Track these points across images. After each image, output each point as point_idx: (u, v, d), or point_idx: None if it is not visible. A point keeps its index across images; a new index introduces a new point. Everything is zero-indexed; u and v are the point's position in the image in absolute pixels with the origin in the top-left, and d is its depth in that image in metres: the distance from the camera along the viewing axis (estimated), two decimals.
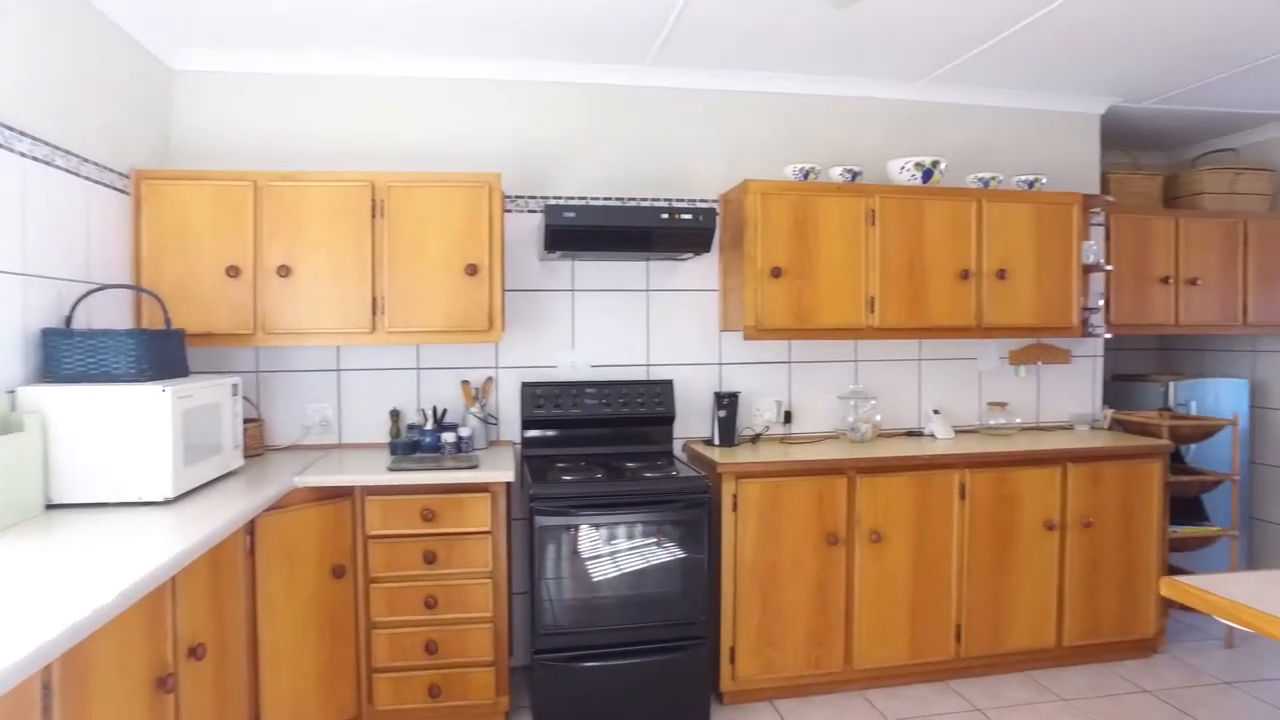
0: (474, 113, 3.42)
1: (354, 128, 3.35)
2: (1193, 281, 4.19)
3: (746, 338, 3.24)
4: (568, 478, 2.93)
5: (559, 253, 3.21)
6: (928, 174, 3.37)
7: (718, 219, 3.55)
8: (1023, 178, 3.57)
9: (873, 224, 3.31)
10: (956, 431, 3.75)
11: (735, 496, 3.04)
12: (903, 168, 3.38)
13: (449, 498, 2.83)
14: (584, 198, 3.47)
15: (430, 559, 2.82)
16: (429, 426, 3.25)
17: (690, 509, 2.91)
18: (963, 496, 3.23)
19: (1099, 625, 3.43)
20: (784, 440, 3.57)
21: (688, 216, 3.07)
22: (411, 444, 3.21)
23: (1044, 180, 3.58)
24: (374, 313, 3.01)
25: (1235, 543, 3.78)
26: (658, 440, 3.44)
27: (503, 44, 3.21)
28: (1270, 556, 4.58)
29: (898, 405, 3.77)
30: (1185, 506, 3.90)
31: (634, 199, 3.51)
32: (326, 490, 2.74)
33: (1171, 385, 4.31)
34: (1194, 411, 4.33)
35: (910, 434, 3.72)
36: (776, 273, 3.22)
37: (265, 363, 3.31)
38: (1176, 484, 3.68)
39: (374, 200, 2.99)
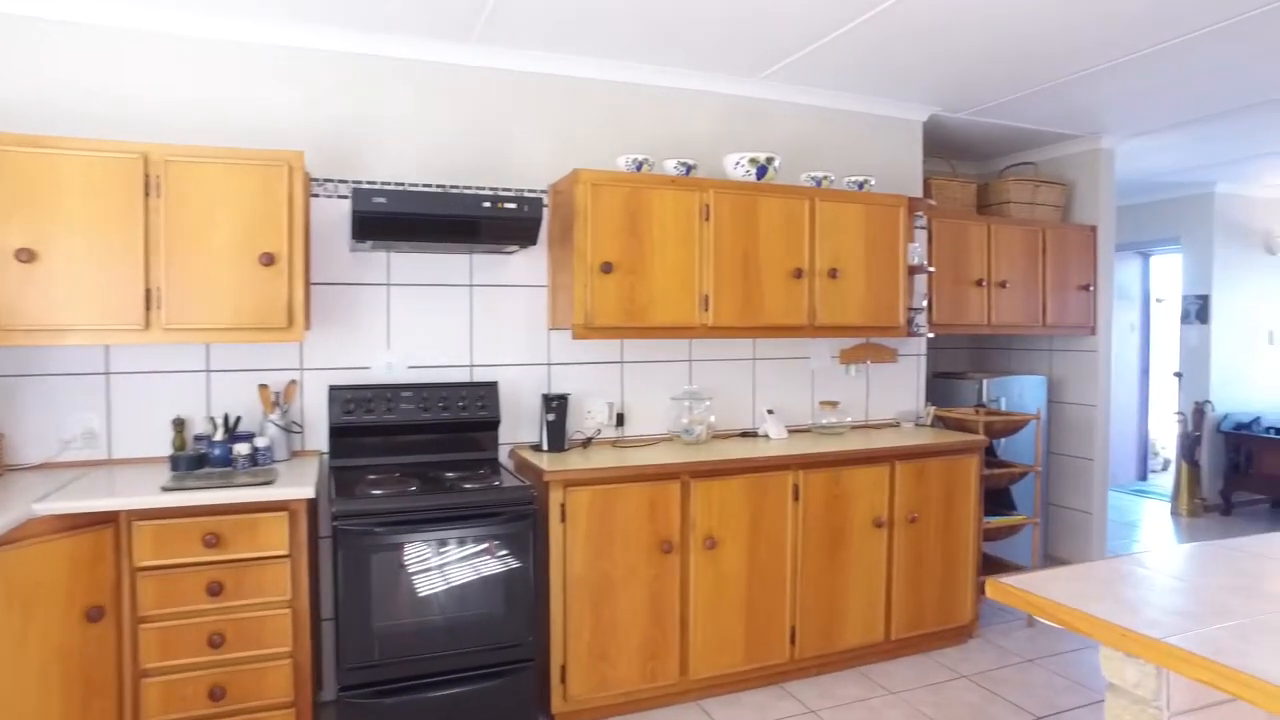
0: (277, 84, 3.04)
1: (126, 90, 2.88)
2: (1002, 284, 4.43)
3: (575, 336, 3.06)
4: (378, 491, 2.63)
5: (370, 243, 2.90)
6: (762, 170, 3.32)
7: (546, 210, 3.35)
8: (853, 178, 3.61)
9: (707, 220, 3.22)
10: (790, 431, 3.75)
11: (563, 506, 2.85)
12: (738, 163, 3.32)
13: (240, 519, 2.47)
14: (401, 183, 3.17)
15: (216, 590, 2.45)
16: (219, 437, 2.84)
17: (514, 521, 2.69)
18: (796, 498, 3.20)
19: (923, 617, 3.52)
20: (616, 444, 3.43)
21: (512, 206, 2.85)
22: (197, 457, 2.80)
23: (873, 182, 3.64)
24: (148, 307, 2.58)
25: (1037, 530, 4.01)
26: (482, 447, 3.20)
27: (312, 8, 2.86)
28: (1062, 538, 4.94)
29: (732, 405, 3.72)
30: (996, 497, 4.11)
31: (457, 187, 3.25)
32: (81, 518, 2.31)
33: (984, 382, 4.55)
34: (1004, 407, 4.58)
35: (745, 434, 3.68)
36: (607, 268, 3.07)
37: (6, 365, 2.78)
38: (990, 477, 3.85)
39: (148, 176, 2.57)
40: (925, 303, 3.97)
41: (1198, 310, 6.55)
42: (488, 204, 2.82)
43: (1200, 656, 1.35)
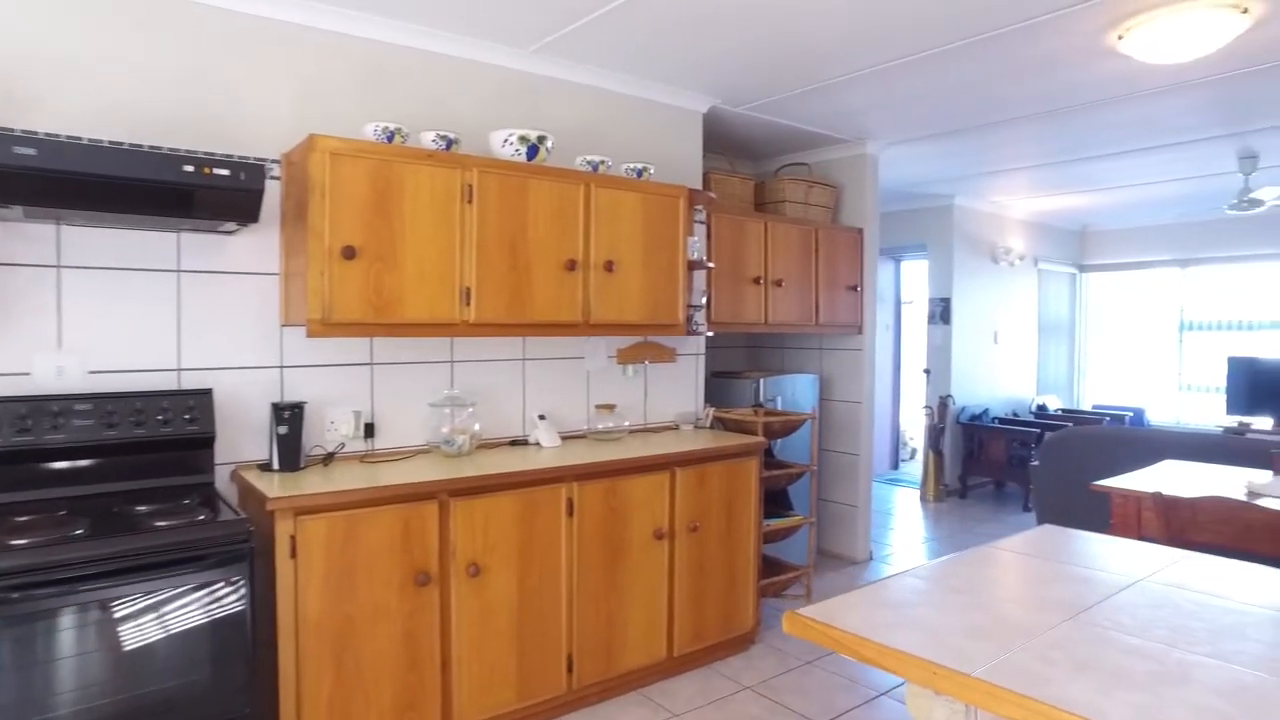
0: None
1: None
2: (779, 283, 4.42)
3: (310, 334, 2.55)
4: (20, 541, 1.98)
5: (19, 208, 2.21)
6: (533, 150, 2.99)
7: (278, 183, 2.80)
8: (631, 165, 3.38)
9: (470, 202, 2.83)
10: (564, 438, 3.45)
11: (294, 538, 2.35)
12: (506, 140, 2.96)
13: None
14: (79, 137, 2.49)
15: None
16: None
17: (224, 565, 2.15)
18: (571, 513, 2.91)
19: (706, 629, 3.37)
20: (365, 459, 2.94)
21: (224, 173, 2.30)
22: None
23: (652, 171, 3.44)
24: None
25: (814, 529, 4.03)
26: (193, 469, 2.60)
27: None
28: (831, 532, 5.07)
29: (500, 411, 3.36)
30: (774, 498, 4.08)
31: (158, 147, 2.61)
32: None
33: (761, 381, 4.53)
34: (780, 406, 4.59)
35: (515, 443, 3.33)
36: (350, 253, 2.59)
37: None
38: (769, 478, 3.79)
39: None
40: (705, 300, 3.84)
41: (941, 312, 7.11)
42: (190, 168, 2.25)
43: (1013, 693, 1.20)
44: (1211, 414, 7.83)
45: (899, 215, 7.32)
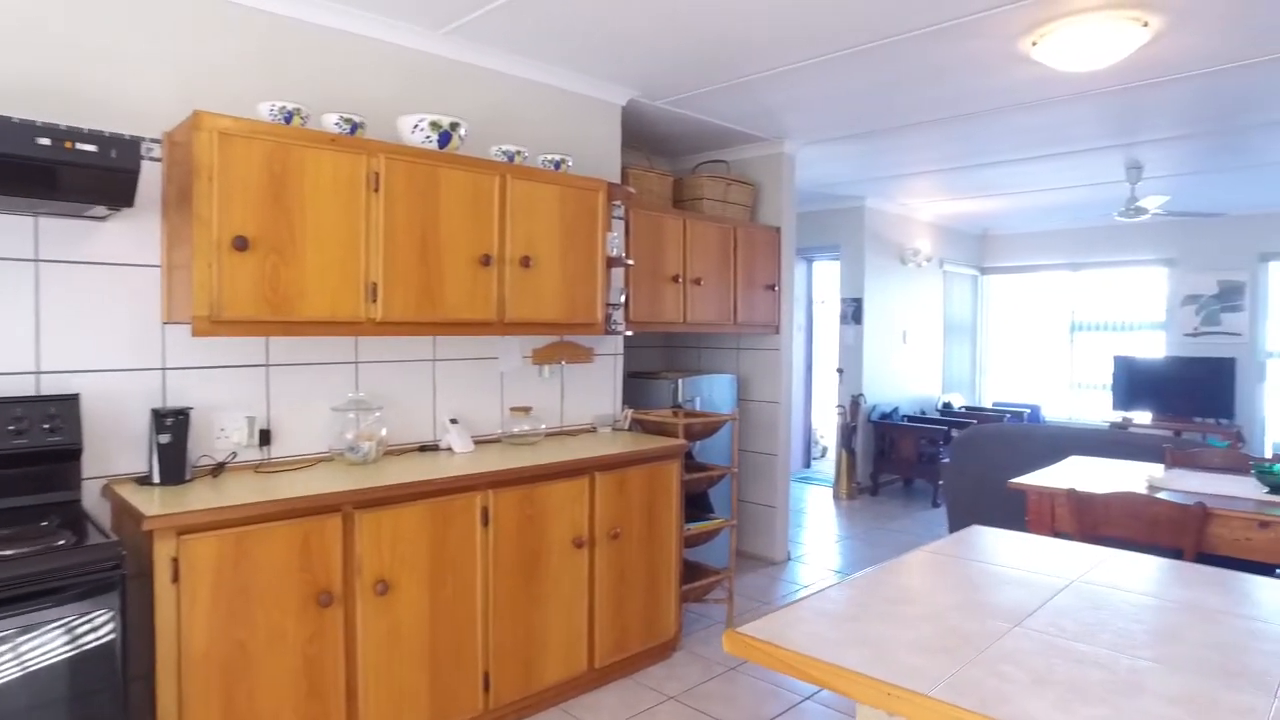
0: None
1: None
2: (698, 281, 4.36)
3: (196, 332, 2.31)
4: None
5: None
6: (445, 137, 2.81)
7: (159, 164, 2.54)
8: (549, 157, 3.24)
9: (376, 190, 2.63)
10: (477, 443, 3.27)
11: (175, 561, 2.11)
12: (416, 126, 2.77)
13: None
14: None
15: None
16: None
17: (88, 598, 1.90)
18: (486, 523, 2.74)
19: (628, 639, 3.25)
20: (260, 469, 2.70)
21: (90, 148, 2.04)
22: None
23: (570, 163, 3.30)
24: None
25: (735, 532, 3.97)
26: (57, 485, 2.31)
27: None
28: (750, 533, 5.05)
29: (409, 415, 3.15)
30: (695, 501, 4.00)
31: (8, 116, 2.30)
32: None
33: (680, 382, 4.45)
34: (698, 406, 4.53)
35: (425, 449, 3.14)
36: (242, 244, 2.35)
37: None
38: (690, 481, 3.71)
39: None
40: (623, 298, 3.73)
41: (853, 312, 7.22)
42: (47, 140, 1.99)
43: (975, 714, 1.13)
44: (1099, 410, 8.24)
45: (812, 216, 7.40)
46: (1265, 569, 3.44)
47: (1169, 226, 7.59)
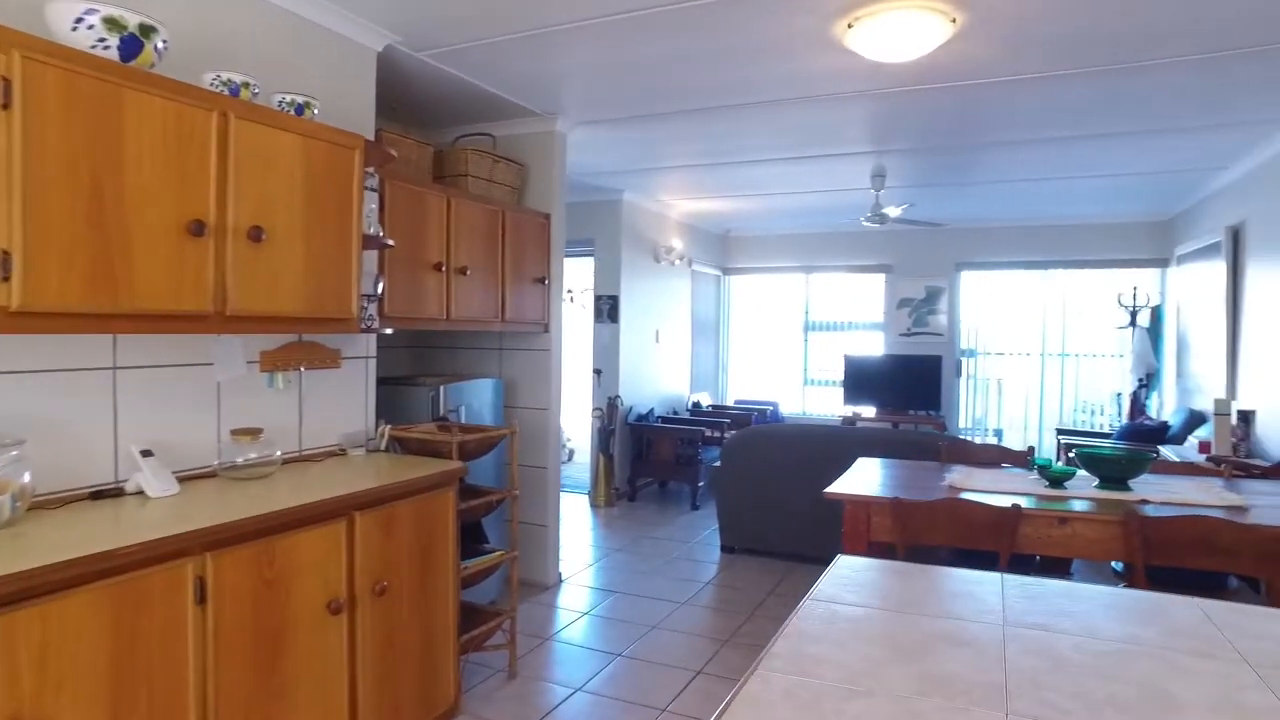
0: None
1: None
2: (463, 271, 3.71)
3: None
4: None
5: None
6: (132, 45, 1.93)
7: None
8: (289, 97, 2.44)
9: (7, 107, 1.71)
10: (184, 480, 2.38)
11: None
12: (81, 21, 1.87)
13: None
14: None
15: None
16: None
17: None
18: (203, 599, 1.92)
19: (400, 714, 2.56)
20: None
21: None
22: None
23: (317, 110, 2.53)
24: None
25: (515, 563, 3.40)
26: None
27: None
28: (523, 556, 4.49)
29: (76, 448, 2.19)
30: (469, 533, 3.37)
31: None
32: None
33: (442, 389, 3.78)
34: (463, 418, 3.89)
35: (101, 495, 2.20)
36: None
37: None
38: (466, 510, 3.08)
39: None
40: (380, 288, 3.01)
41: (609, 310, 6.92)
42: None
43: None
44: (830, 405, 8.78)
45: (569, 208, 6.96)
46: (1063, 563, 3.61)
47: (887, 235, 8.23)
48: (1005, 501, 2.80)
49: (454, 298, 3.67)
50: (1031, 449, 3.92)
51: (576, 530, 5.83)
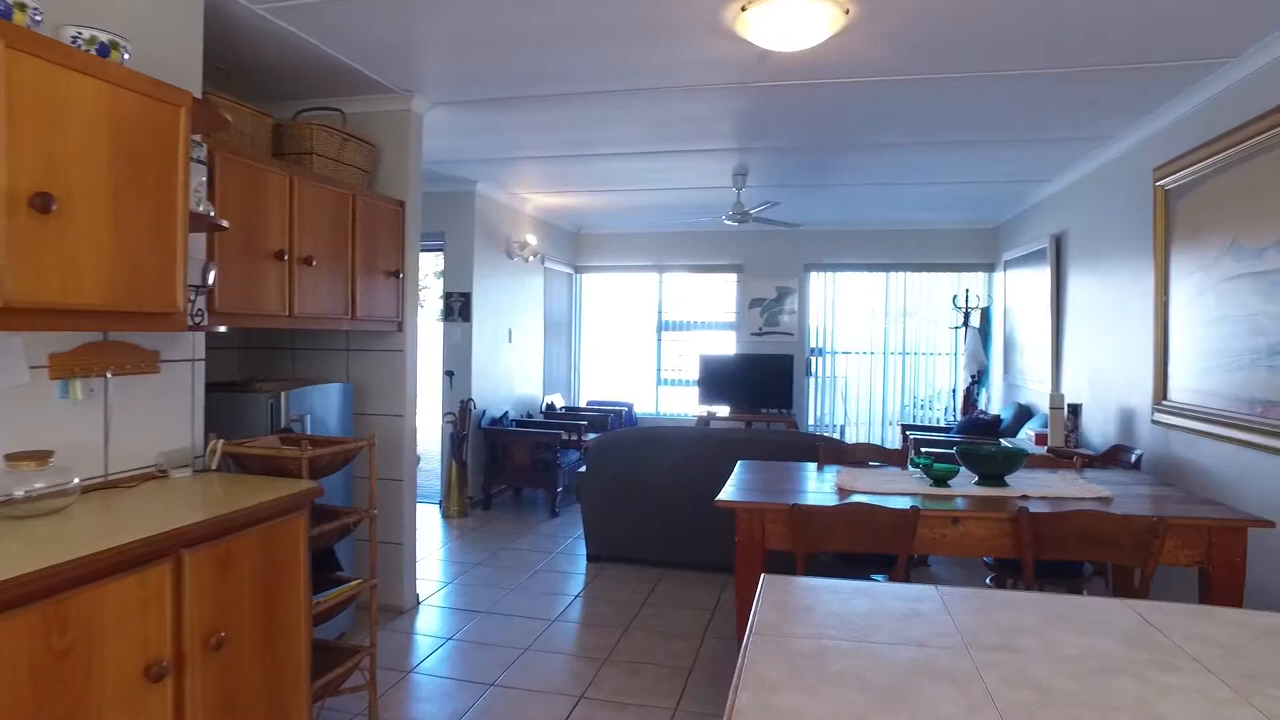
0: None
1: None
2: (309, 261, 3.26)
3: None
4: None
5: None
6: None
7: None
8: (88, 32, 1.96)
9: None
10: None
11: None
12: None
13: None
14: None
15: None
16: None
17: None
18: None
19: None
20: None
21: None
22: None
23: (127, 54, 2.05)
24: None
25: (375, 592, 3.00)
26: None
27: None
28: (385, 581, 4.03)
29: None
30: (319, 561, 2.93)
31: None
32: None
33: (284, 396, 3.30)
34: (309, 429, 3.42)
35: None
36: None
37: None
38: (319, 536, 2.66)
39: None
40: (211, 278, 2.53)
41: (461, 308, 6.51)
42: None
43: None
44: (685, 405, 8.76)
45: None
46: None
47: (738, 236, 8.31)
48: (897, 503, 2.76)
49: (298, 291, 3.20)
50: (908, 448, 3.97)
51: (430, 545, 5.39)
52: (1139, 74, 3.49)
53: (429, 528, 5.85)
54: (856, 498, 2.87)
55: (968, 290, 7.82)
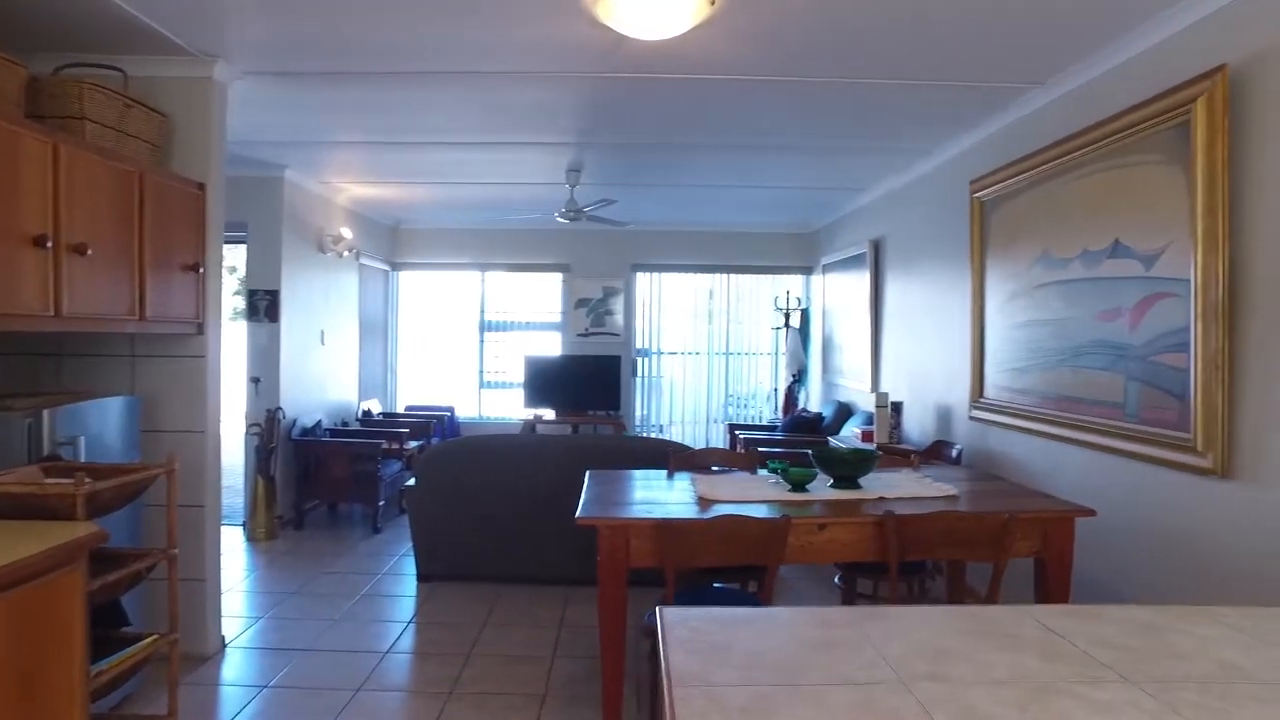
0: None
1: None
2: (81, 249, 2.69)
3: None
4: None
5: None
6: None
7: None
8: None
9: None
10: None
11: None
12: None
13: None
14: None
15: None
16: None
17: None
18: None
19: None
20: None
21: None
22: None
23: None
24: None
25: (176, 648, 2.51)
26: None
27: None
28: (184, 625, 3.46)
29: None
30: (97, 618, 2.41)
31: None
32: None
33: (46, 415, 2.71)
34: (83, 454, 2.84)
35: None
36: None
37: None
38: (100, 590, 2.17)
39: None
40: None
41: (267, 307, 5.84)
42: None
43: None
44: (510, 408, 8.45)
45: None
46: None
47: (564, 235, 8.11)
48: (760, 511, 2.70)
49: (67, 286, 2.63)
50: (757, 450, 3.97)
51: (234, 575, 4.76)
52: (955, 91, 3.68)
53: (232, 553, 5.18)
54: (720, 508, 2.78)
55: (788, 292, 8.12)
